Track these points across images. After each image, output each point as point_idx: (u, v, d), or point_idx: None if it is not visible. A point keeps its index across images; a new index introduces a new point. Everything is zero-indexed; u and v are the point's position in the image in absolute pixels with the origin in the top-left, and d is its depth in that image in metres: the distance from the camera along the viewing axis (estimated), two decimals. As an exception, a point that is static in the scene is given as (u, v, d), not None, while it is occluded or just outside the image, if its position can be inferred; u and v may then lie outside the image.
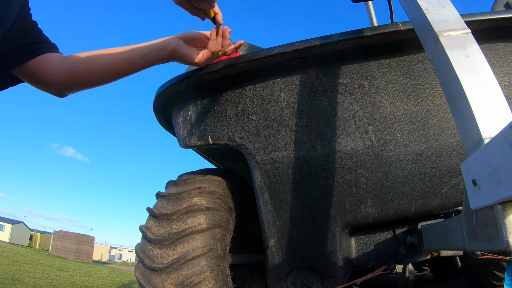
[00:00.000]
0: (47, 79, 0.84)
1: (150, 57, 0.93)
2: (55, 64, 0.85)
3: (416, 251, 0.92)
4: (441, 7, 0.62)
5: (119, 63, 0.91)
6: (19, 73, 0.82)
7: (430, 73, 0.96)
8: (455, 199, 0.94)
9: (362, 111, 0.97)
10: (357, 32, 0.92)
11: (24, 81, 0.85)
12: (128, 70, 0.93)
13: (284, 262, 1.03)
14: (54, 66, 0.84)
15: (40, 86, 0.86)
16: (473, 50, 0.54)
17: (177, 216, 1.01)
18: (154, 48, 0.94)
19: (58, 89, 0.88)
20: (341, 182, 0.98)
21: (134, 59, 0.92)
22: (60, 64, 0.85)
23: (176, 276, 0.93)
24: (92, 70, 0.89)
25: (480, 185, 0.42)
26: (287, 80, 1.01)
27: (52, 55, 0.85)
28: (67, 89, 0.90)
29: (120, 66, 0.92)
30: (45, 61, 0.83)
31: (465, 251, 0.86)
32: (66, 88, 0.89)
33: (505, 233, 0.40)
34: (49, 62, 0.84)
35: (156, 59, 0.94)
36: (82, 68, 0.88)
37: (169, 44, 0.94)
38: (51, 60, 0.84)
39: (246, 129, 1.05)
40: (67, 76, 0.86)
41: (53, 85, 0.86)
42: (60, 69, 0.85)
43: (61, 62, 0.86)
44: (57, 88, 0.88)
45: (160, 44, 0.94)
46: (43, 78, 0.84)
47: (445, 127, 0.95)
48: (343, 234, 1.01)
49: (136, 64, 0.93)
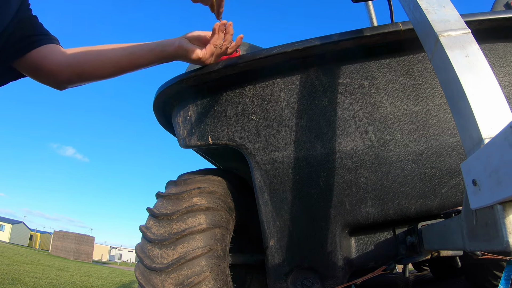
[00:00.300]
0: (47, 69, 0.84)
1: (156, 53, 0.94)
2: (56, 54, 0.84)
3: (416, 251, 0.92)
4: (441, 7, 0.62)
5: (124, 57, 0.91)
6: (20, 66, 0.82)
7: (430, 73, 0.96)
8: (455, 199, 0.94)
9: (362, 111, 0.97)
10: (357, 32, 0.92)
11: (25, 74, 0.85)
12: (133, 65, 0.93)
13: (284, 262, 1.03)
14: (55, 56, 0.84)
15: (40, 78, 0.86)
16: (473, 50, 0.54)
17: (177, 216, 1.01)
18: (160, 44, 0.95)
19: (58, 81, 0.88)
20: (341, 182, 0.98)
21: (139, 54, 0.92)
22: (61, 55, 0.85)
23: (176, 276, 0.93)
24: (96, 62, 0.89)
25: (480, 185, 0.42)
26: (287, 80, 1.01)
27: (53, 46, 0.85)
28: (67, 81, 0.89)
29: (125, 60, 0.92)
30: (45, 52, 0.83)
31: (465, 251, 0.86)
32: (66, 80, 0.88)
33: (505, 233, 0.40)
34: (50, 52, 0.83)
35: (161, 55, 0.95)
36: (85, 60, 0.88)
37: (174, 41, 0.95)
38: (52, 50, 0.84)
39: (246, 129, 1.05)
40: (68, 67, 0.86)
41: (54, 76, 0.86)
42: (61, 59, 0.85)
43: (62, 53, 0.86)
44: (58, 79, 0.87)
45: (166, 41, 0.95)
46: (44, 69, 0.83)
47: (445, 127, 0.95)
48: (343, 234, 1.01)
49: (141, 59, 0.93)
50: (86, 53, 0.89)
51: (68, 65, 0.86)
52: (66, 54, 0.86)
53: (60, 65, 0.84)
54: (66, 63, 0.85)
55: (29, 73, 0.84)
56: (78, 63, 0.87)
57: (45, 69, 0.83)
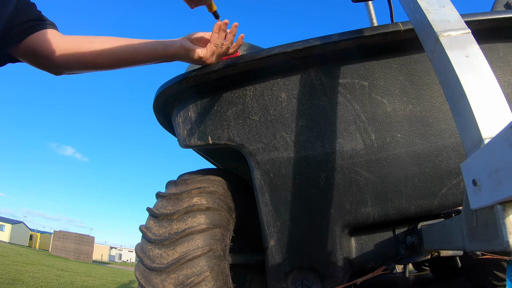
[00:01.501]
0: (45, 54, 0.83)
1: (158, 51, 0.95)
2: (54, 39, 0.84)
3: (416, 251, 0.92)
4: (441, 7, 0.62)
5: (127, 51, 0.92)
6: (17, 52, 0.81)
7: (430, 73, 0.96)
8: (455, 199, 0.94)
9: (362, 111, 0.97)
10: (357, 32, 0.92)
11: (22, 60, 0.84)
12: (134, 60, 0.93)
13: (284, 262, 1.03)
14: (54, 40, 0.83)
15: (38, 63, 0.85)
16: (473, 50, 0.54)
17: (177, 216, 1.01)
18: (162, 43, 0.96)
19: (56, 66, 0.87)
20: (341, 182, 0.98)
21: (141, 49, 0.93)
22: (60, 39, 0.84)
23: (176, 276, 0.93)
24: (97, 51, 0.89)
25: (480, 185, 0.42)
26: (287, 80, 1.01)
27: (51, 31, 0.84)
28: (65, 66, 0.88)
29: (127, 54, 0.92)
30: (44, 36, 0.82)
31: (465, 251, 0.86)
32: (64, 65, 0.87)
33: (505, 233, 0.40)
34: (48, 36, 0.82)
35: (162, 54, 0.95)
36: (86, 48, 0.87)
37: (176, 41, 0.96)
38: (51, 35, 0.83)
39: (246, 129, 1.05)
40: (68, 51, 0.85)
41: (51, 60, 0.85)
42: (59, 44, 0.84)
43: (61, 38, 0.85)
44: (56, 63, 0.86)
45: (168, 41, 0.97)
46: (42, 53, 0.82)
47: (445, 127, 0.95)
48: (343, 234, 1.01)
49: (142, 55, 0.93)
50: (89, 40, 0.88)
51: (66, 51, 0.85)
52: (66, 39, 0.86)
53: (58, 51, 0.83)
54: (65, 49, 0.85)
55: (26, 59, 0.83)
56: (79, 49, 0.86)
57: (42, 53, 0.82)
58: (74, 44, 0.86)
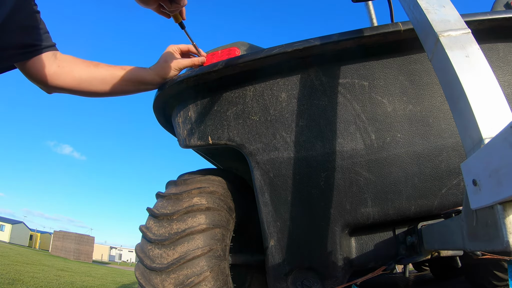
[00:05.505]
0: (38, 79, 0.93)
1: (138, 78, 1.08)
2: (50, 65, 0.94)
3: (416, 251, 0.92)
4: (441, 7, 0.62)
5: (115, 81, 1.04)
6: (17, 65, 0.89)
7: (430, 73, 0.96)
8: (455, 199, 0.94)
9: (362, 111, 0.97)
10: (357, 32, 0.92)
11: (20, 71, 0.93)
12: (121, 91, 1.07)
13: (284, 262, 1.03)
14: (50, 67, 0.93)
15: (32, 81, 0.94)
16: (473, 50, 0.54)
17: (177, 216, 1.01)
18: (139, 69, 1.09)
19: (48, 88, 0.98)
20: (341, 182, 0.97)
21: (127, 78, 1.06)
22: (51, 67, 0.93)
23: (176, 276, 0.93)
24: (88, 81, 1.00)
25: (480, 185, 0.42)
26: (287, 80, 1.01)
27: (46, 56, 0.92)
28: (57, 90, 1.00)
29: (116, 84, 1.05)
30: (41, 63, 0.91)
31: (465, 251, 0.86)
32: (56, 89, 0.99)
33: (505, 233, 0.40)
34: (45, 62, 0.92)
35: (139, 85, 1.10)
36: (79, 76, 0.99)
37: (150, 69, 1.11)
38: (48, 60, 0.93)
39: (246, 129, 1.05)
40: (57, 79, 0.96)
41: (44, 84, 0.96)
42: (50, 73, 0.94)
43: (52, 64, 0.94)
44: (46, 87, 0.97)
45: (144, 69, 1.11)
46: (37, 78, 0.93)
47: (445, 127, 0.95)
48: (343, 234, 1.01)
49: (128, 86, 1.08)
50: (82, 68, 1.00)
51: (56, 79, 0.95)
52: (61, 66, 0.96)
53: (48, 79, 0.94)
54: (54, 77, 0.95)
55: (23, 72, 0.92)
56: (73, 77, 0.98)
57: (38, 78, 0.93)
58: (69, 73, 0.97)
